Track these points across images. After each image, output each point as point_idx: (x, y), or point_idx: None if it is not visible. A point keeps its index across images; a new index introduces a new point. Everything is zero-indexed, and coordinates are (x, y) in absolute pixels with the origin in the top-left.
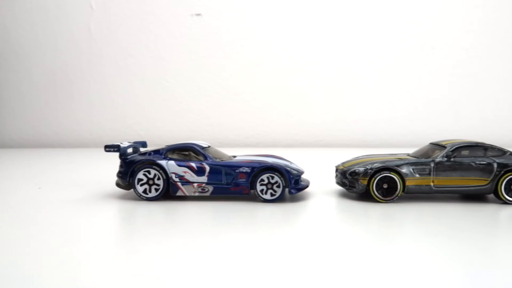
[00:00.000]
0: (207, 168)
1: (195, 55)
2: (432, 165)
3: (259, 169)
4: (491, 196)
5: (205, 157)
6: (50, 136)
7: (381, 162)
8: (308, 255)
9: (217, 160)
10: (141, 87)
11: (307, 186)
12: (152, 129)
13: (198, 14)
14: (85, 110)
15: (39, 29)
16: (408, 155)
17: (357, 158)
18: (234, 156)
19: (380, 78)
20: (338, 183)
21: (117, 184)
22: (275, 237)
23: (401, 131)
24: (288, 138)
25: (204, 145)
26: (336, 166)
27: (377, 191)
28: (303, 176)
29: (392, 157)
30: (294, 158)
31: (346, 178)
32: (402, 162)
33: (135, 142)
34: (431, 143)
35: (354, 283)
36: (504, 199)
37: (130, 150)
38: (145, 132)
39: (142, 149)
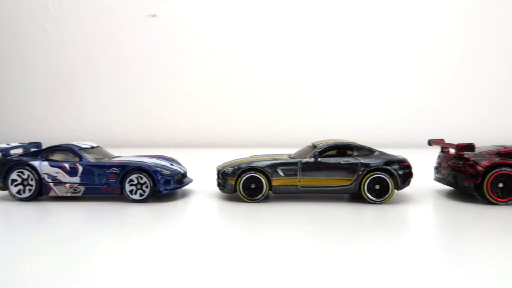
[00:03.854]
0: (80, 168)
1: (151, 55)
2: (299, 165)
3: (128, 169)
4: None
5: (81, 158)
6: (6, 135)
7: (247, 163)
8: (168, 252)
9: (96, 160)
10: (97, 88)
11: (180, 186)
12: (108, 129)
13: (153, 15)
14: (42, 111)
15: None
16: (289, 156)
17: (249, 157)
18: (119, 157)
19: (334, 81)
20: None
21: None
22: (137, 236)
23: (355, 132)
24: (243, 138)
25: (85, 146)
26: (216, 167)
27: (244, 191)
28: (189, 176)
29: (266, 157)
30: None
31: (219, 178)
32: (270, 163)
33: (29, 143)
34: (312, 144)
35: (215, 276)
36: (367, 198)
37: (19, 151)
38: (101, 132)
39: (33, 149)
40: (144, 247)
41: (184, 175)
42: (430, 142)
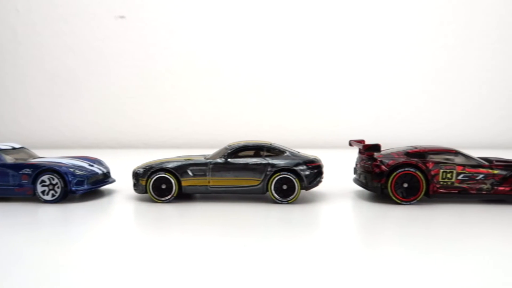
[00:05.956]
0: None
1: (120, 57)
2: (210, 166)
3: (39, 170)
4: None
5: None
6: None
7: (159, 163)
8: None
9: (13, 161)
10: (67, 89)
11: (96, 187)
12: (77, 131)
13: (122, 17)
14: (10, 111)
15: None
16: (204, 156)
17: (167, 158)
18: (42, 158)
19: (308, 82)
20: None
21: None
22: (46, 236)
23: (321, 133)
24: (212, 139)
25: (4, 147)
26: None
27: (154, 191)
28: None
29: (181, 158)
30: None
31: (133, 178)
32: (181, 163)
33: None
34: (228, 145)
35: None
36: (274, 198)
37: None
38: (71, 133)
39: None
40: (45, 247)
41: (106, 175)
42: (351, 143)
